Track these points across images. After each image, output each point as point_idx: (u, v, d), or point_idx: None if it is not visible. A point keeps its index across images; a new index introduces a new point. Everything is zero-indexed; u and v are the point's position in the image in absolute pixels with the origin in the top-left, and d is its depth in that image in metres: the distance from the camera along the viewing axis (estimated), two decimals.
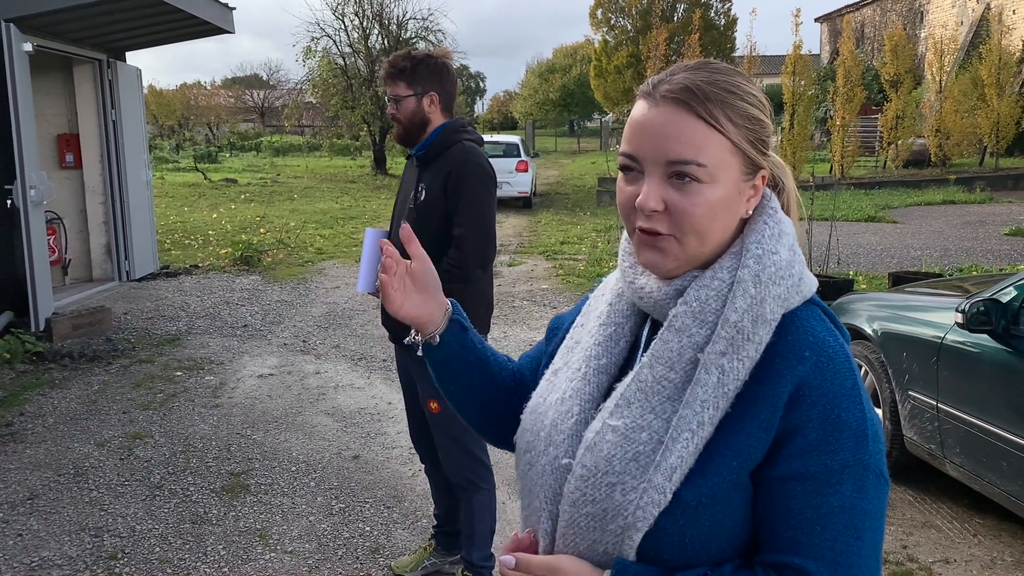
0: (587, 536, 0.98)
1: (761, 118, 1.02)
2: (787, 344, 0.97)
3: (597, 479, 0.98)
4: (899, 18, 32.78)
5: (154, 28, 8.72)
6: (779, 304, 0.99)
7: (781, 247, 1.01)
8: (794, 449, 0.94)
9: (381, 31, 27.98)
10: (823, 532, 0.92)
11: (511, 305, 8.09)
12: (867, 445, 0.94)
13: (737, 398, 0.96)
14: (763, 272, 0.99)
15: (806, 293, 1.02)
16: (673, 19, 29.97)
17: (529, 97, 52.48)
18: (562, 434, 1.05)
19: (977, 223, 13.85)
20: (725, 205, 1.00)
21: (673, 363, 0.99)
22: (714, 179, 0.98)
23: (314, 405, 5.30)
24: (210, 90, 55.78)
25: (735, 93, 1.00)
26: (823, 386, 0.95)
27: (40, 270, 6.75)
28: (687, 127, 0.97)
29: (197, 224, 14.43)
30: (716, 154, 0.97)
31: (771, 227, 1.02)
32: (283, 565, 3.38)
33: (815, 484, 0.93)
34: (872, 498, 0.94)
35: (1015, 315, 3.34)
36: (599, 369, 1.08)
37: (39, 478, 4.18)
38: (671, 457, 0.95)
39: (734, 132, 0.98)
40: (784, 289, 0.99)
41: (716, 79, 1.00)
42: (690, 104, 0.97)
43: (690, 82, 0.98)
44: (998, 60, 20.24)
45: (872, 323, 4.29)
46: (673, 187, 0.98)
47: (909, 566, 3.36)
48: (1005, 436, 3.30)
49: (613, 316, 1.11)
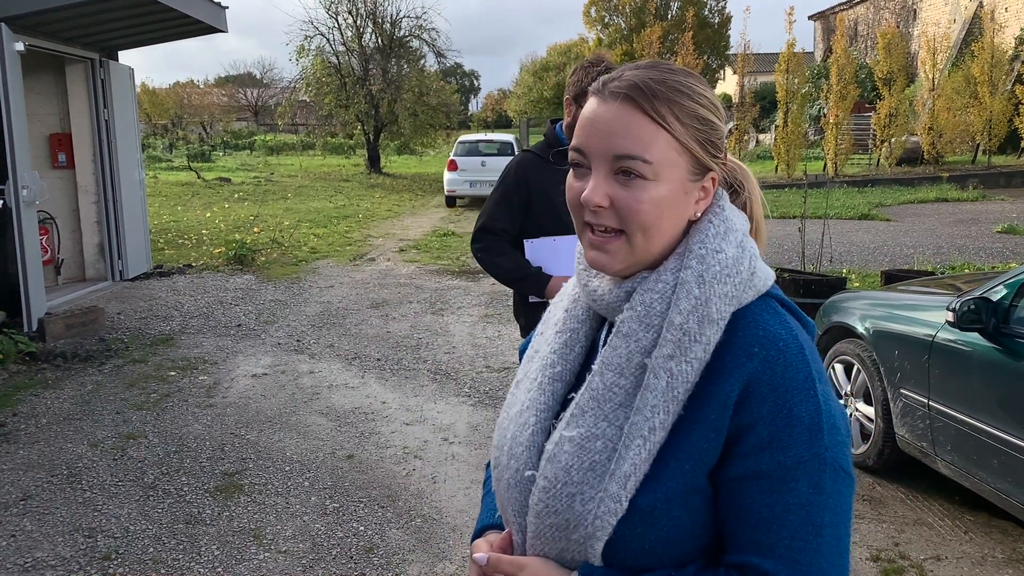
0: (554, 545, 0.99)
1: (711, 120, 1.01)
2: (736, 341, 0.96)
3: (557, 490, 0.98)
4: (892, 16, 32.84)
5: (147, 27, 8.70)
6: (726, 302, 0.97)
7: (727, 244, 1.00)
8: (747, 448, 0.93)
9: (375, 29, 27.97)
10: (780, 530, 0.91)
11: (504, 304, 8.10)
12: (822, 439, 0.92)
13: (690, 399, 0.95)
14: (707, 272, 0.97)
15: (760, 287, 1.01)
16: (667, 17, 30.00)
17: (523, 95, 52.42)
18: (520, 446, 1.05)
19: (970, 221, 13.90)
20: (671, 204, 0.99)
21: (623, 369, 0.99)
22: (659, 176, 0.98)
23: (308, 405, 5.30)
24: (203, 89, 55.60)
25: (685, 93, 0.99)
26: (773, 381, 0.93)
27: (33, 270, 6.73)
28: (634, 123, 0.97)
29: (190, 223, 14.40)
30: (662, 152, 0.97)
31: (716, 225, 1.01)
32: (277, 565, 3.38)
33: (770, 482, 0.92)
34: (831, 492, 0.92)
35: (1005, 314, 3.35)
36: (554, 377, 1.08)
37: (32, 479, 4.17)
38: (624, 465, 0.94)
39: (681, 131, 0.98)
40: (731, 287, 0.98)
41: (666, 78, 1.00)
42: (638, 101, 0.97)
43: (639, 79, 0.99)
44: (991, 58, 20.32)
45: (864, 321, 4.30)
46: (619, 183, 0.98)
47: (901, 563, 3.37)
48: (996, 434, 3.32)
49: (568, 322, 1.11)
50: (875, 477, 4.19)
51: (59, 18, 7.37)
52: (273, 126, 47.73)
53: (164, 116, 46.49)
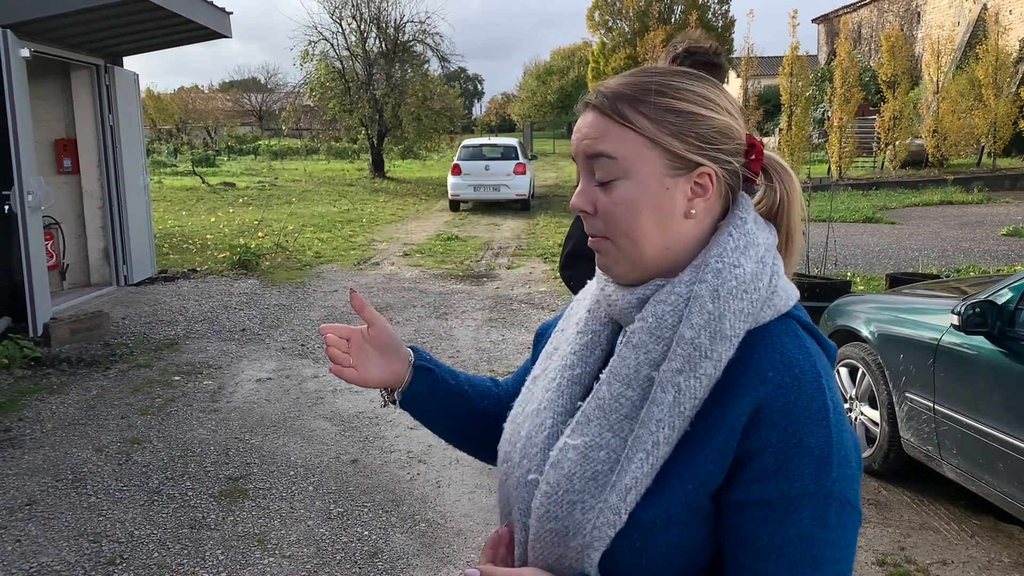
0: (553, 550, 0.98)
1: (693, 111, 0.98)
2: (752, 362, 0.93)
3: (559, 496, 0.97)
4: (896, 19, 32.82)
5: (152, 33, 8.73)
6: (741, 320, 0.94)
7: (746, 259, 0.96)
8: (752, 474, 0.91)
9: (379, 34, 28.04)
10: (778, 560, 0.89)
11: (509, 308, 8.10)
12: (831, 472, 0.90)
13: (698, 417, 0.93)
14: (722, 286, 0.94)
15: (780, 307, 0.97)
16: (670, 21, 30.02)
17: (527, 99, 52.54)
18: (535, 447, 1.05)
19: (975, 224, 13.87)
20: (648, 201, 0.98)
21: (630, 380, 0.97)
22: (629, 174, 0.97)
23: (312, 409, 5.30)
24: (208, 94, 55.77)
25: (655, 90, 0.98)
26: (785, 408, 0.90)
27: (38, 275, 6.75)
28: (600, 126, 0.99)
29: (195, 228, 14.43)
30: (628, 148, 0.97)
31: (735, 238, 0.98)
32: (282, 570, 3.38)
33: (772, 511, 0.89)
34: (834, 527, 0.90)
35: (1010, 317, 3.34)
36: (573, 380, 1.07)
37: (37, 484, 4.18)
38: (626, 477, 0.93)
39: (649, 127, 0.97)
40: (748, 304, 0.94)
41: (636, 80, 1.00)
42: (599, 106, 0.99)
43: (609, 87, 1.00)
44: (995, 60, 20.30)
45: (869, 325, 4.29)
46: (601, 189, 1.00)
47: (907, 568, 3.36)
48: (1002, 437, 3.30)
49: (591, 324, 1.10)
50: (881, 481, 4.18)
51: (64, 24, 7.40)
52: (277, 131, 47.87)
53: (169, 121, 46.62)
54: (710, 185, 0.99)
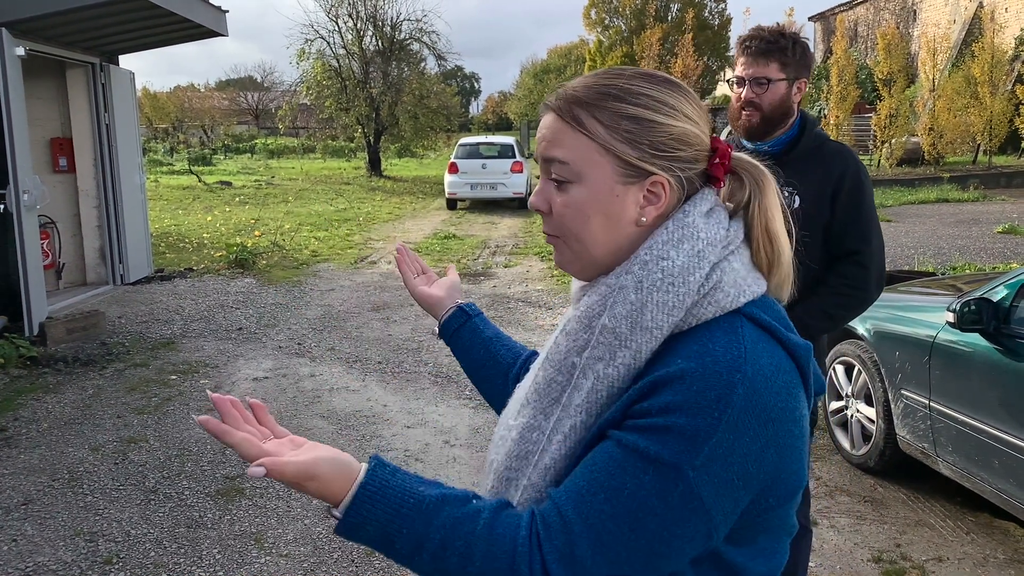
0: None
1: (650, 118, 0.97)
2: (669, 352, 0.92)
3: (500, 474, 1.03)
4: (892, 17, 32.87)
5: (148, 32, 8.71)
6: (664, 312, 0.92)
7: (676, 252, 0.94)
8: (629, 423, 0.89)
9: (375, 32, 28.03)
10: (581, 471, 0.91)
11: (506, 307, 8.10)
12: (694, 458, 0.85)
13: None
14: (647, 278, 0.93)
15: (726, 303, 0.93)
16: (667, 19, 30.04)
17: (524, 98, 52.52)
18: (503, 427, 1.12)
19: (970, 221, 13.90)
20: (598, 208, 0.98)
21: (560, 366, 1.00)
22: (580, 178, 0.98)
23: (309, 408, 5.30)
24: (204, 92, 55.70)
25: (613, 96, 0.98)
26: (679, 387, 0.87)
27: (34, 274, 6.73)
28: (555, 129, 1.00)
29: (191, 227, 14.41)
30: (580, 153, 0.98)
31: (670, 231, 0.96)
32: (278, 569, 3.38)
33: (621, 452, 0.88)
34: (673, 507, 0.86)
35: (1006, 314, 3.35)
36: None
37: (33, 483, 4.18)
38: (545, 458, 0.97)
39: (601, 132, 0.97)
40: (673, 297, 0.92)
41: (595, 83, 1.00)
42: (555, 109, 1.01)
43: (567, 89, 1.01)
44: (991, 58, 20.35)
45: (865, 322, 4.30)
46: (556, 190, 1.01)
47: (902, 564, 3.37)
48: (997, 434, 3.32)
49: (569, 312, 1.14)
50: (876, 478, 4.19)
51: (60, 23, 7.39)
52: (274, 129, 47.82)
53: (165, 120, 46.57)
54: (663, 193, 0.98)
